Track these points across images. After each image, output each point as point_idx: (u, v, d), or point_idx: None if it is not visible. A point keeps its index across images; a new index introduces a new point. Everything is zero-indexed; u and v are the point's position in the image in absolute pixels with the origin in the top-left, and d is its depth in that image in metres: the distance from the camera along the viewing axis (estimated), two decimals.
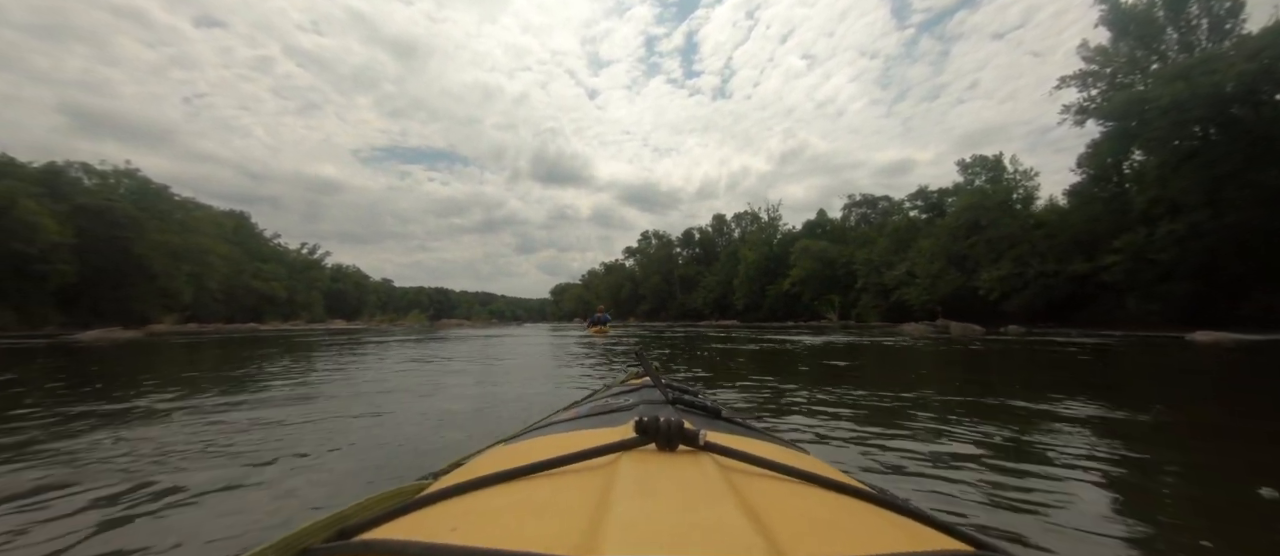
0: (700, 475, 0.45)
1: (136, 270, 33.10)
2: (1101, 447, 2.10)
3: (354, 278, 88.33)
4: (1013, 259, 25.07)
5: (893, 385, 3.99)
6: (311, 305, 62.27)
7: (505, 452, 0.67)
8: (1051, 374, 4.99)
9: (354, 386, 4.01)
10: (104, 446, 2.11)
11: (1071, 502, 1.48)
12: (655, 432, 0.51)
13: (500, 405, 3.21)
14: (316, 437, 2.25)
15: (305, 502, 1.48)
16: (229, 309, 47.03)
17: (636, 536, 0.33)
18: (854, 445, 2.14)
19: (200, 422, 2.58)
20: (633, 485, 0.43)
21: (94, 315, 31.87)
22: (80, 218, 29.74)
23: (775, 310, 48.46)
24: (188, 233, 38.28)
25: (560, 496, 0.43)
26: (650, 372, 1.01)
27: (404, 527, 0.43)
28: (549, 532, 0.36)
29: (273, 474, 1.74)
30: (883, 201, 51.35)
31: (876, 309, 35.92)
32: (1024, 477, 1.68)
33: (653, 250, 73.96)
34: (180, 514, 1.39)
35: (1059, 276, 23.82)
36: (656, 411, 0.68)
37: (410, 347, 8.53)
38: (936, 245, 29.45)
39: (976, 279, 26.51)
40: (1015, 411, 2.90)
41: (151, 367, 5.77)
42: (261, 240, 58.65)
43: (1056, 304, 24.18)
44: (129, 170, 37.47)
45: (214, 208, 54.10)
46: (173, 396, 3.47)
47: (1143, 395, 3.82)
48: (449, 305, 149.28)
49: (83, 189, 31.72)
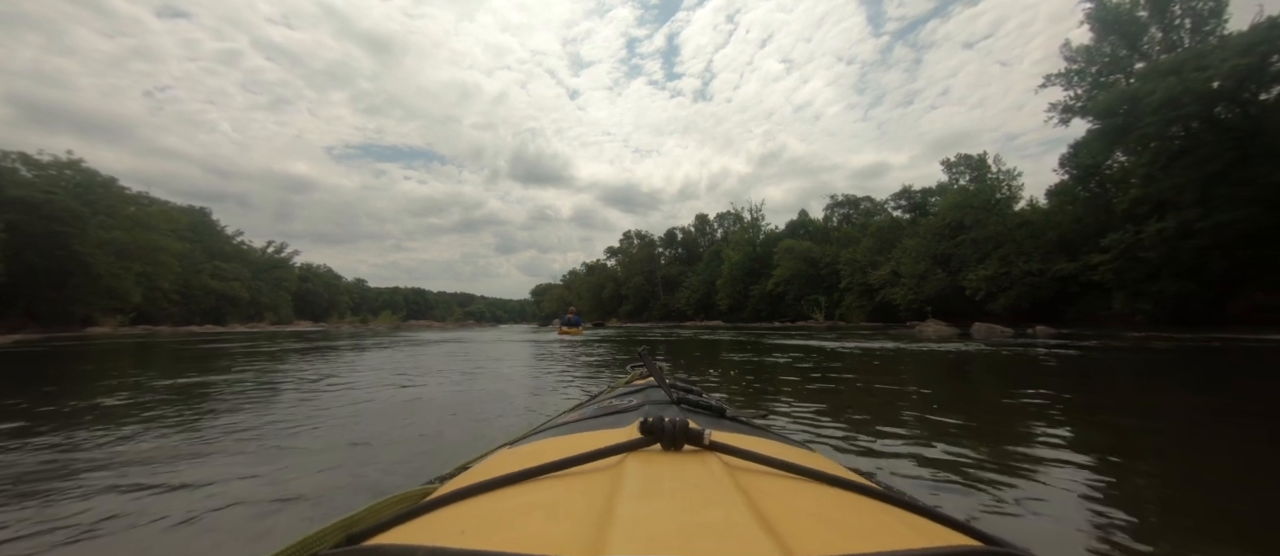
0: (706, 474, 0.45)
1: (78, 269, 30.61)
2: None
3: (325, 278, 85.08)
4: (999, 258, 24.90)
5: (1023, 422, 2.69)
6: (278, 306, 59.54)
7: (511, 455, 0.67)
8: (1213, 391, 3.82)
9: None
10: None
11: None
12: (660, 433, 0.51)
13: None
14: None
15: None
16: (186, 310, 44.41)
17: (644, 537, 0.33)
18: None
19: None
20: (639, 486, 0.43)
21: (28, 318, 29.35)
22: (11, 211, 27.25)
23: (759, 310, 48.05)
24: (137, 229, 35.65)
25: (567, 498, 0.43)
26: (654, 372, 0.99)
27: (412, 532, 0.43)
28: (556, 534, 0.36)
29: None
30: (865, 202, 51.47)
31: (861, 309, 35.69)
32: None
33: (635, 250, 73.02)
34: None
35: (1044, 275, 23.73)
36: (661, 411, 0.70)
37: (312, 360, 6.90)
38: (921, 245, 29.24)
39: (962, 278, 26.30)
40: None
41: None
42: (222, 238, 55.70)
43: (1042, 303, 24.10)
44: (72, 161, 34.74)
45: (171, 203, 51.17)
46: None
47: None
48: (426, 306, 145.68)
49: (16, 181, 29.09)
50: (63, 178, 33.46)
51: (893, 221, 37.50)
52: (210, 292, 47.01)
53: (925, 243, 28.87)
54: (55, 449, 2.17)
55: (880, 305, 33.77)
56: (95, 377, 5.01)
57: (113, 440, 2.32)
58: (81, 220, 30.37)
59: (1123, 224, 19.43)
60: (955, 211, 27.06)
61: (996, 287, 24.58)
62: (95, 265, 31.06)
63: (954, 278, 27.64)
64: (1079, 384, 4.25)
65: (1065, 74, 22.33)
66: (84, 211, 30.88)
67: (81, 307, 31.32)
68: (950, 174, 30.61)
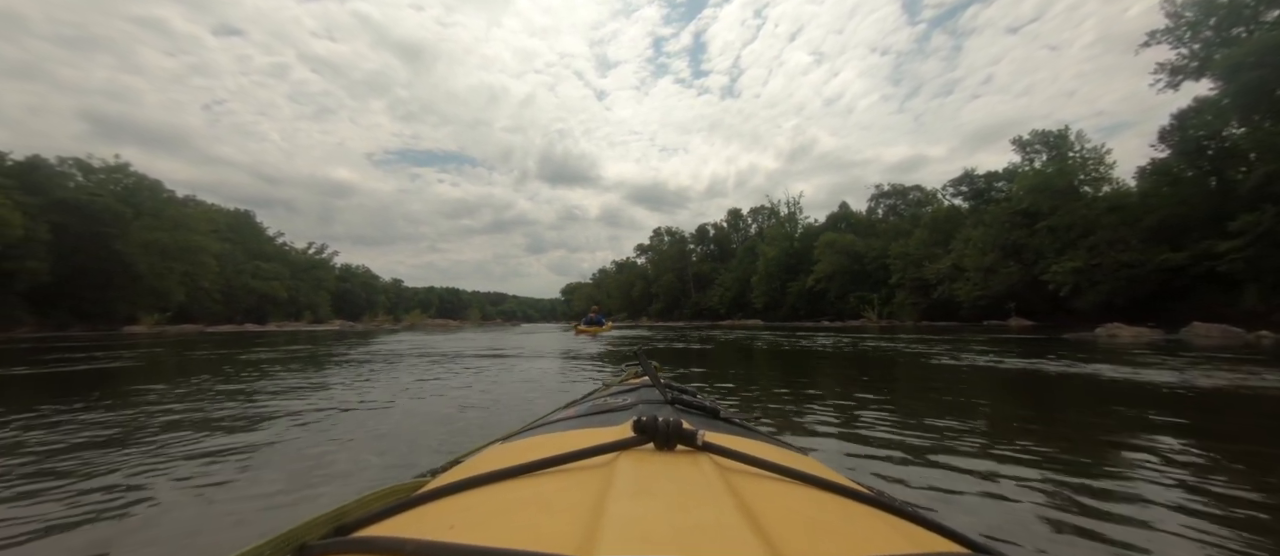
0: (698, 475, 0.45)
1: (120, 269, 31.25)
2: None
3: (362, 278, 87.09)
4: (1087, 248, 21.74)
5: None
6: (316, 305, 60.70)
7: (503, 451, 0.66)
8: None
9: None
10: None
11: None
12: (653, 432, 0.51)
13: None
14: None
15: None
16: (228, 309, 45.41)
17: (634, 535, 0.33)
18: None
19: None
20: (630, 484, 0.42)
21: (75, 316, 30.13)
22: (57, 213, 27.86)
23: (797, 309, 45.36)
24: (179, 229, 36.33)
25: (558, 495, 0.43)
26: (649, 372, 0.98)
27: (401, 525, 0.43)
28: (547, 531, 0.36)
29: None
30: (914, 191, 47.88)
31: (914, 306, 32.67)
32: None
33: (665, 247, 71.04)
34: None
35: (1145, 267, 20.50)
36: (655, 411, 0.69)
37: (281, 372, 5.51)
38: (988, 235, 26.17)
39: (1041, 271, 23.21)
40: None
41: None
42: (264, 239, 57.07)
43: (1140, 299, 20.86)
44: (120, 165, 35.62)
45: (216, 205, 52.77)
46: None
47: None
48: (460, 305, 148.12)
49: (62, 184, 29.83)
50: (111, 181, 34.39)
51: (950, 210, 34.22)
52: (251, 292, 47.97)
53: (993, 232, 25.81)
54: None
55: (938, 302, 30.73)
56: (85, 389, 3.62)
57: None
58: (123, 221, 30.95)
59: (1252, 203, 16.24)
60: (1031, 196, 23.92)
61: (1086, 281, 21.47)
62: (137, 265, 31.66)
63: (1029, 270, 24.53)
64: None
65: (1174, 29, 19.02)
66: (126, 212, 31.49)
67: (126, 307, 31.99)
68: (1024, 154, 27.26)
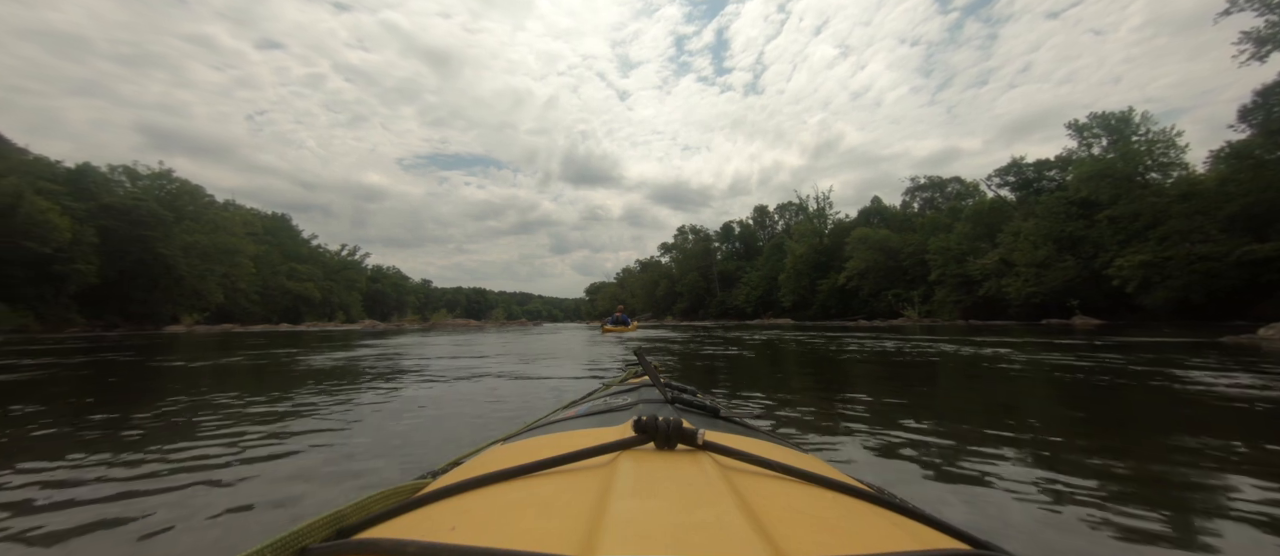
0: (699, 474, 0.45)
1: (163, 271, 32.38)
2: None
3: (393, 279, 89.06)
4: (1156, 240, 19.83)
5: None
6: (349, 305, 62.16)
7: (504, 451, 0.65)
8: None
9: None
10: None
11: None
12: (654, 432, 0.51)
13: None
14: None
15: None
16: (265, 309, 46.78)
17: (635, 535, 0.33)
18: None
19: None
20: (631, 484, 0.42)
21: (122, 316, 31.36)
22: (104, 218, 29.00)
23: (827, 307, 43.71)
24: (217, 232, 37.55)
25: (559, 495, 0.43)
26: (649, 371, 1.00)
27: (402, 527, 0.43)
28: (548, 532, 0.35)
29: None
30: (952, 183, 45.53)
31: (956, 304, 30.80)
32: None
33: (690, 245, 69.92)
34: None
35: (1225, 260, 18.52)
36: (655, 410, 0.70)
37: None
38: (1041, 227, 24.29)
39: (1103, 265, 21.34)
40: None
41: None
42: (299, 241, 58.72)
43: (1219, 295, 18.88)
44: (164, 171, 37.09)
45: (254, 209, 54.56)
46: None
47: None
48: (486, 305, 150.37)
49: (108, 189, 31.09)
50: (155, 186, 35.80)
51: (995, 202, 32.16)
52: (287, 293, 49.32)
53: (1046, 224, 23.94)
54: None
55: (983, 299, 28.87)
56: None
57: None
58: (164, 225, 32.03)
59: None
60: (1090, 183, 22.02)
61: (1156, 276, 19.57)
62: (178, 266, 32.76)
63: (1087, 264, 22.62)
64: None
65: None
66: (167, 216, 32.60)
67: (169, 307, 33.16)
68: (1081, 139, 25.19)
